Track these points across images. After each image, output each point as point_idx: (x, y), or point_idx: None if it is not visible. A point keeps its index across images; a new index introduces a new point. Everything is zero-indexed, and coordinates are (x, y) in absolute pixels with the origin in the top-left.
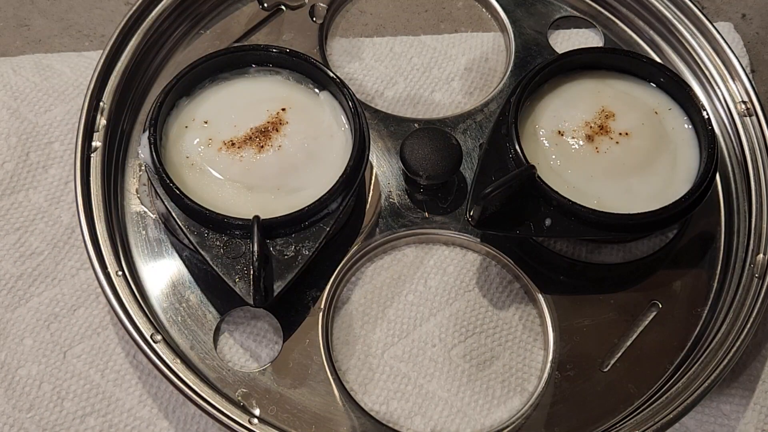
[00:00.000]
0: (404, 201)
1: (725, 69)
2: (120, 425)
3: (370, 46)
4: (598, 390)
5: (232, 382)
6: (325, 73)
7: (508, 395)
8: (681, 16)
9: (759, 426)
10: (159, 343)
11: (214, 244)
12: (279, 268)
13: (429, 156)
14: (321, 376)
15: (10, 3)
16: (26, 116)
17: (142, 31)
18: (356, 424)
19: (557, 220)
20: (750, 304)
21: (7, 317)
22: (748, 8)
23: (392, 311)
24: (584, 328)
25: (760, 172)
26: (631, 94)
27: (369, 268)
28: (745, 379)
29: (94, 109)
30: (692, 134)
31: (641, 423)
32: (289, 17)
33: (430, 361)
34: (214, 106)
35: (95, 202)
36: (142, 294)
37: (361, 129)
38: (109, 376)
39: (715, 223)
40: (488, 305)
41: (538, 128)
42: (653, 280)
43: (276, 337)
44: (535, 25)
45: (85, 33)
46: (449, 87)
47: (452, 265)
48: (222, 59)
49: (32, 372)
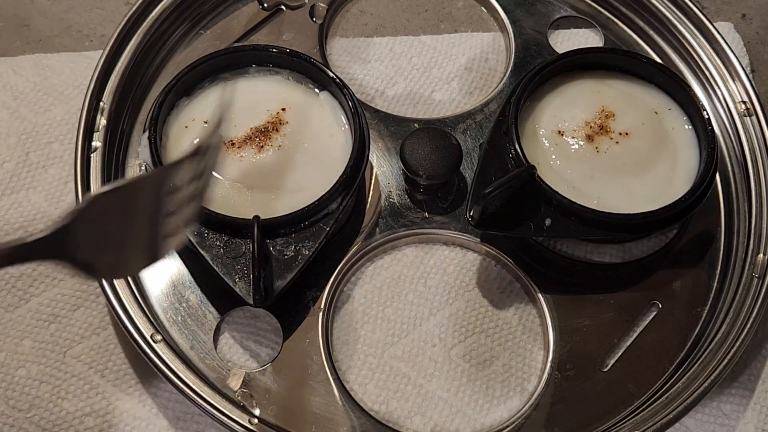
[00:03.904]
0: (404, 201)
1: (725, 69)
2: (120, 425)
3: (370, 46)
4: (598, 390)
5: (232, 382)
6: (325, 73)
7: (507, 395)
8: (681, 16)
9: (759, 426)
10: (159, 343)
11: (214, 244)
12: (279, 268)
13: (429, 156)
14: (321, 376)
15: (10, 3)
16: (26, 116)
17: (142, 31)
18: (356, 424)
19: (557, 220)
20: (750, 304)
21: (7, 317)
22: (748, 8)
23: (392, 311)
24: (584, 328)
25: (760, 172)
26: (631, 94)
27: (369, 268)
28: (745, 379)
29: (94, 109)
30: (692, 134)
31: (641, 423)
32: (289, 17)
33: (429, 360)
34: (214, 106)
35: None
36: (142, 294)
37: (361, 129)
38: (109, 376)
39: (715, 223)
40: (488, 305)
41: (538, 128)
42: (653, 280)
43: (276, 337)
44: (535, 25)
45: (85, 33)
46: (449, 87)
47: (452, 265)
48: (222, 59)
49: (32, 372)
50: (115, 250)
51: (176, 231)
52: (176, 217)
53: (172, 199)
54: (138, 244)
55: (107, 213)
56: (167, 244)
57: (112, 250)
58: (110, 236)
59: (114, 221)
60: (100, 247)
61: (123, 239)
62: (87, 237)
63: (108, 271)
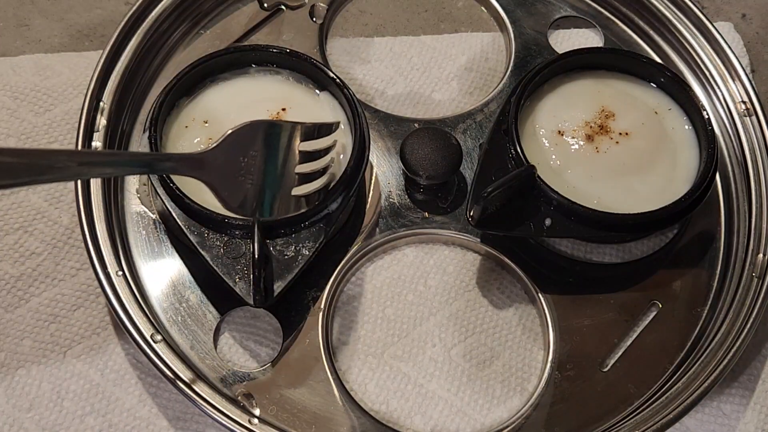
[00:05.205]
0: (404, 201)
1: (725, 69)
2: (120, 425)
3: (370, 46)
4: (598, 390)
5: (232, 382)
6: (325, 73)
7: (508, 395)
8: (681, 16)
9: (759, 426)
10: (159, 343)
11: (214, 244)
12: (279, 268)
13: (429, 156)
14: (321, 376)
15: (10, 3)
16: (26, 116)
17: (142, 31)
18: (356, 424)
19: (557, 220)
20: (750, 304)
21: (7, 317)
22: (748, 8)
23: (392, 311)
24: (584, 328)
25: (760, 172)
26: (631, 94)
27: (369, 268)
28: (745, 379)
29: (94, 109)
30: (692, 134)
31: (641, 423)
32: (289, 17)
33: (430, 360)
34: (214, 106)
35: (95, 202)
36: (142, 294)
37: (361, 129)
38: (109, 375)
39: (715, 223)
40: (488, 305)
41: (538, 128)
42: (653, 280)
43: (276, 337)
44: (535, 25)
45: (85, 33)
46: (449, 87)
47: (452, 265)
48: (222, 59)
49: (32, 372)
50: (240, 187)
51: (302, 197)
52: (306, 185)
53: (303, 164)
54: (263, 189)
55: (241, 148)
56: (289, 203)
57: (238, 186)
58: (236, 173)
59: (244, 159)
60: (229, 179)
61: (249, 179)
62: (220, 165)
63: (233, 202)
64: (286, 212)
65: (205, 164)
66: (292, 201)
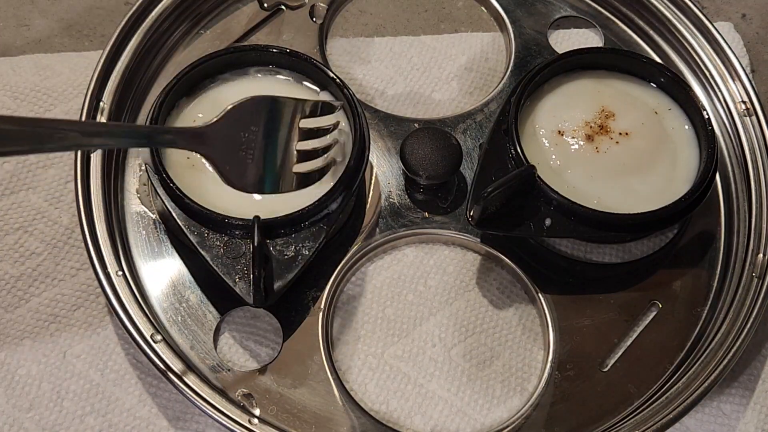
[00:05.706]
0: (404, 201)
1: (725, 69)
2: (120, 425)
3: (370, 46)
4: (598, 390)
5: (232, 382)
6: (325, 73)
7: (508, 395)
8: (681, 16)
9: (759, 426)
10: (159, 343)
11: (214, 244)
12: (279, 268)
13: (429, 156)
14: (321, 376)
15: (10, 3)
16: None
17: (142, 31)
18: (356, 424)
19: (557, 220)
20: (750, 304)
21: (7, 317)
22: (748, 8)
23: (392, 311)
24: (584, 328)
25: (760, 172)
26: (631, 94)
27: (369, 268)
28: (745, 379)
29: (94, 109)
30: (692, 134)
31: (641, 423)
32: (289, 17)
33: (430, 360)
34: (215, 106)
35: (95, 202)
36: (142, 294)
37: (361, 129)
38: (109, 375)
39: (715, 223)
40: (488, 305)
41: (538, 128)
42: (653, 280)
43: (276, 337)
44: (535, 25)
45: (85, 33)
46: (449, 87)
47: (452, 265)
48: (222, 59)
49: (32, 372)
50: (241, 162)
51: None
52: (306, 163)
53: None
54: (262, 165)
55: (242, 123)
56: (290, 180)
57: (238, 161)
58: (237, 147)
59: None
60: (229, 154)
61: (249, 154)
62: (220, 140)
63: (233, 176)
64: (287, 189)
65: (205, 138)
66: (292, 178)
